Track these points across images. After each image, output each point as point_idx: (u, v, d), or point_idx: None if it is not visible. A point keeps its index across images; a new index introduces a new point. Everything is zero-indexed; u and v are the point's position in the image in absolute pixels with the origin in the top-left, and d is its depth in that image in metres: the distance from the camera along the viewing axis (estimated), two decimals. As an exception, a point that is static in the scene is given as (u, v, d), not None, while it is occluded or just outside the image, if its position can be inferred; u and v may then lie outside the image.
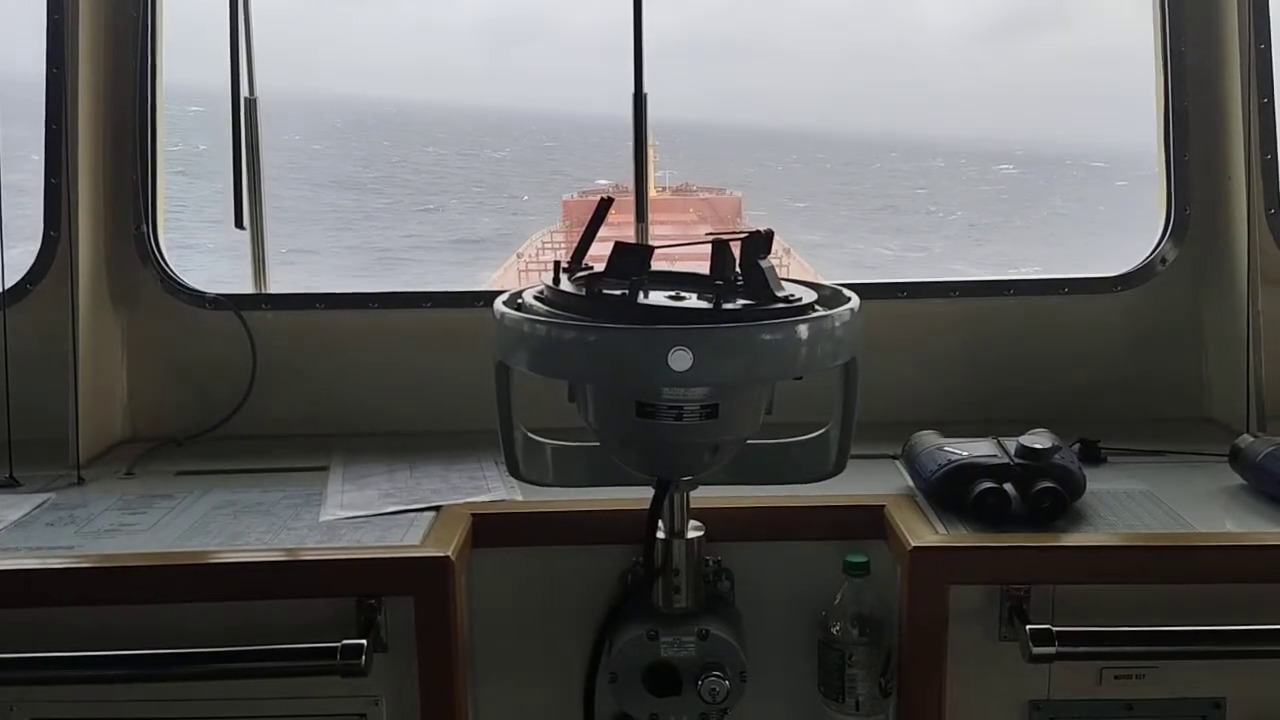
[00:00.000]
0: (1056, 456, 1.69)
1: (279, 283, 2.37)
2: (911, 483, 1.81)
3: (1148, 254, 2.26)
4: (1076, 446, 1.91)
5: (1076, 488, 1.68)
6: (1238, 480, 1.80)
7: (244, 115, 2.27)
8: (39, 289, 2.17)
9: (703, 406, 1.44)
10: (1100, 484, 1.78)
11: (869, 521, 1.72)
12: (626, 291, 1.42)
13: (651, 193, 2.40)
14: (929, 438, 1.82)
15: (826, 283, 1.59)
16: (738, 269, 1.48)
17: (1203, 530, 1.64)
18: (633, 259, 1.47)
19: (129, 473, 2.03)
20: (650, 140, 2.26)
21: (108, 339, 2.22)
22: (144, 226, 2.25)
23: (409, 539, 1.65)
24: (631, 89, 2.18)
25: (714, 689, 1.60)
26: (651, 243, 1.66)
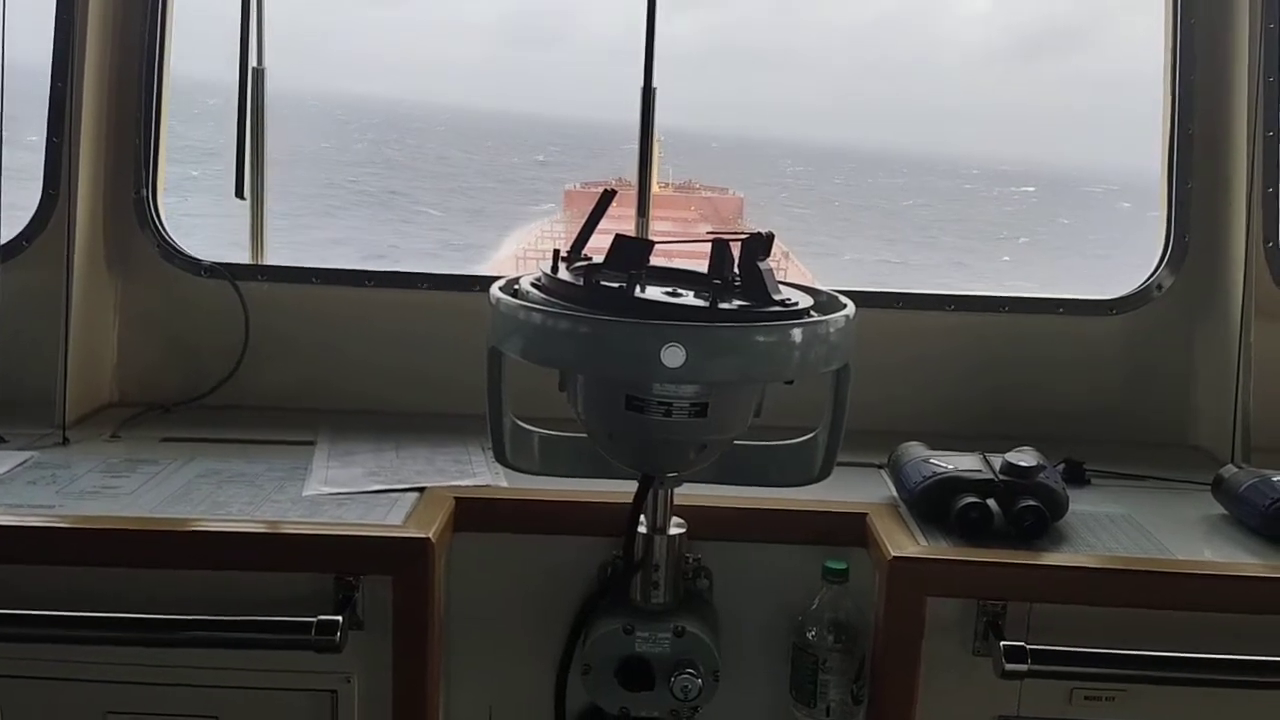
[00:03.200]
0: (1041, 475, 1.70)
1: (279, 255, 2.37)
2: (895, 493, 1.81)
3: (1144, 279, 2.27)
4: (1061, 467, 1.92)
5: (1059, 508, 1.69)
6: (1219, 510, 1.81)
7: (251, 85, 2.26)
8: (34, 247, 2.16)
9: (692, 404, 1.44)
10: (1083, 505, 1.78)
11: (851, 529, 1.72)
12: (624, 284, 1.42)
13: (654, 188, 2.40)
14: (915, 449, 1.82)
15: (823, 288, 1.59)
16: (736, 269, 1.48)
17: (1181, 557, 1.64)
18: (632, 252, 1.47)
19: (114, 436, 2.03)
20: (656, 136, 2.26)
21: (101, 301, 2.21)
22: (144, 191, 2.24)
23: (391, 519, 1.65)
24: (641, 83, 2.18)
25: (686, 686, 1.60)
26: (651, 238, 1.66)
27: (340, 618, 1.53)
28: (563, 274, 1.49)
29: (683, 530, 1.66)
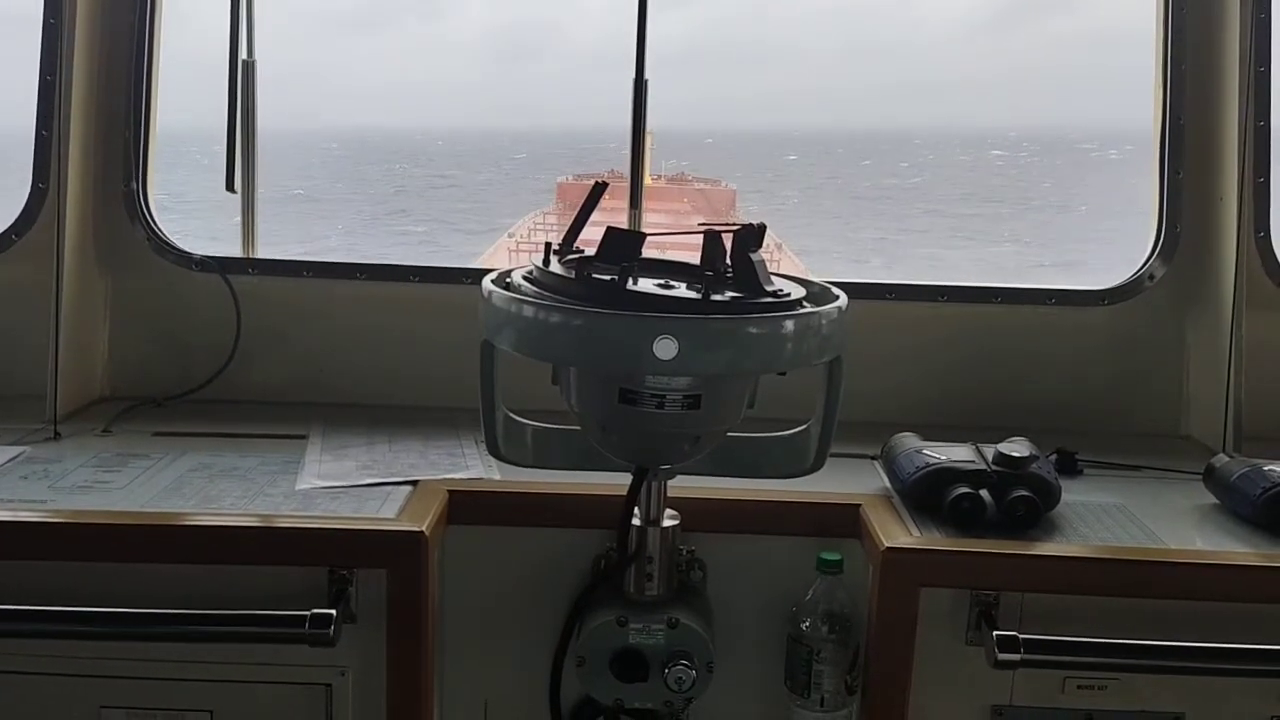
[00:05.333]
0: (1033, 466, 1.70)
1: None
2: (889, 484, 1.81)
3: (1136, 270, 2.28)
4: (1054, 457, 1.92)
5: (1051, 498, 1.70)
6: (1211, 499, 1.82)
7: (241, 78, 2.25)
8: (24, 241, 2.15)
9: (685, 396, 1.44)
10: (1075, 495, 1.79)
11: (844, 520, 1.73)
12: (616, 277, 1.41)
13: (647, 180, 2.40)
14: (908, 440, 1.82)
15: (816, 280, 1.59)
16: (728, 261, 1.48)
17: (1173, 547, 1.65)
18: (624, 245, 1.47)
19: (106, 430, 2.02)
20: (648, 129, 2.26)
21: (91, 295, 2.20)
22: (134, 184, 2.23)
23: (384, 512, 1.65)
24: (633, 75, 2.18)
25: (680, 678, 1.61)
26: (644, 230, 1.66)
27: (334, 611, 1.53)
28: (554, 267, 1.49)
29: (676, 522, 1.66)
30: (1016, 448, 1.73)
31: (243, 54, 2.25)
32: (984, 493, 1.67)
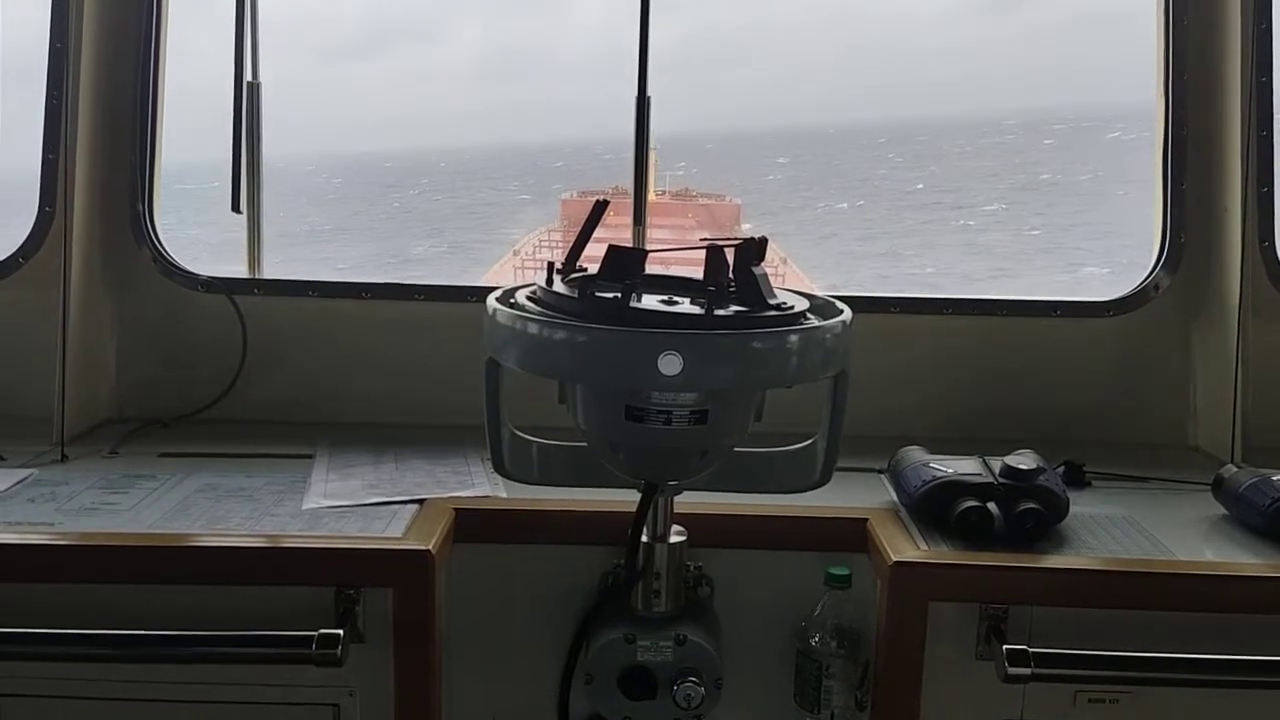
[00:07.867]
0: (1041, 478, 1.69)
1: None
2: (896, 497, 1.81)
3: (1141, 281, 2.27)
4: (1061, 469, 1.92)
5: (1059, 510, 1.69)
6: (1220, 510, 1.81)
7: (246, 99, 2.27)
8: (31, 264, 2.16)
9: (692, 412, 1.44)
10: (1083, 507, 1.78)
11: (852, 534, 1.72)
12: (619, 294, 1.42)
13: (650, 196, 2.40)
14: (915, 453, 1.82)
15: (819, 293, 1.59)
16: (731, 275, 1.48)
17: (1183, 558, 1.64)
18: (626, 262, 1.47)
19: (113, 452, 2.03)
20: (651, 144, 2.27)
21: (98, 317, 2.21)
22: (140, 206, 2.24)
23: (391, 531, 1.65)
24: (635, 91, 2.19)
25: (689, 695, 1.60)
26: (648, 246, 1.66)
27: (341, 631, 1.53)
28: (558, 286, 1.49)
29: (683, 538, 1.66)
30: (1024, 460, 1.72)
31: (247, 75, 2.26)
32: (992, 505, 1.66)
